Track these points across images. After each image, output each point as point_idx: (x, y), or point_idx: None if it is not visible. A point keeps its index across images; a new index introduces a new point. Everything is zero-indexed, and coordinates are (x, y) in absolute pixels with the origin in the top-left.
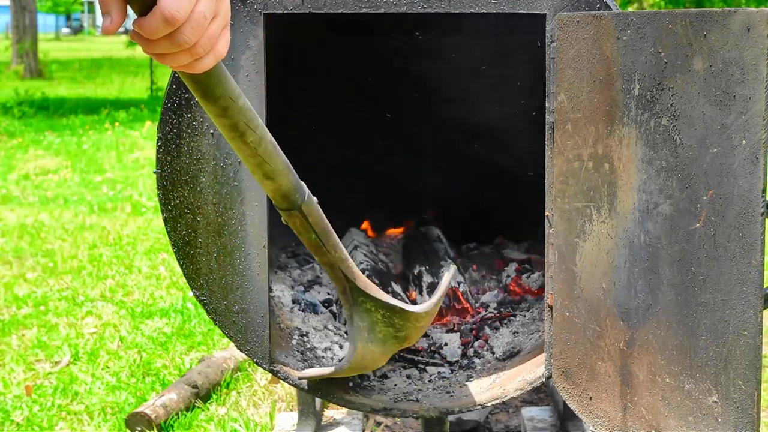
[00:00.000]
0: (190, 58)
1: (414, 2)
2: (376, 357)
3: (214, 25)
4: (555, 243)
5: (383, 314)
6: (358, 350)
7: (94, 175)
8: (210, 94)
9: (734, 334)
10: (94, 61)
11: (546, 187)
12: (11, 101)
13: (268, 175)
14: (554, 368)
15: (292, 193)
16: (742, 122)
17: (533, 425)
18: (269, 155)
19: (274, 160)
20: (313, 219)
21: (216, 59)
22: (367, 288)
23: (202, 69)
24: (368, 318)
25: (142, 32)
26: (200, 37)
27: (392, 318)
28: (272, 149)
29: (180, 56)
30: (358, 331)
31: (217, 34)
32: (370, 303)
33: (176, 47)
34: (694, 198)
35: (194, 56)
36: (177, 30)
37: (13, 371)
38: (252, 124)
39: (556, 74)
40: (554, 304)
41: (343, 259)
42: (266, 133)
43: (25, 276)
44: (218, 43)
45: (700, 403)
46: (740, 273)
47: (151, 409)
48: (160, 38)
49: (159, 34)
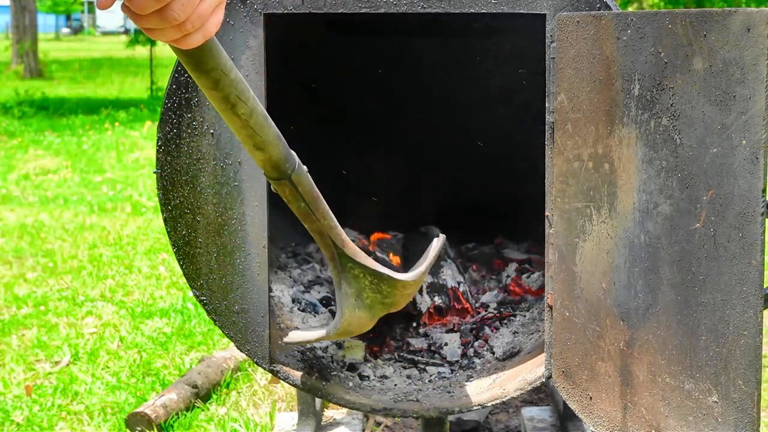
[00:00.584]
0: (179, 33)
1: (414, 2)
2: (363, 322)
3: (206, 3)
4: (555, 243)
5: (371, 281)
6: (345, 316)
7: (94, 175)
8: (202, 67)
9: (734, 334)
10: (94, 61)
11: (546, 187)
12: (11, 101)
13: (259, 146)
14: (554, 368)
15: (282, 163)
16: (742, 122)
17: (533, 425)
18: (260, 127)
19: (265, 132)
20: (303, 188)
21: (204, 37)
22: (356, 255)
23: (191, 45)
24: (356, 284)
25: (131, 6)
26: (190, 14)
27: (380, 285)
28: (263, 121)
29: (169, 31)
30: (346, 297)
31: (208, 12)
32: (358, 269)
33: (165, 23)
34: (694, 198)
35: (183, 32)
36: (166, 6)
37: (13, 371)
38: (243, 96)
39: (556, 74)
40: (554, 304)
41: (332, 227)
42: (257, 104)
43: (25, 276)
44: (209, 21)
45: (700, 403)
46: (740, 273)
47: (151, 409)
48: (149, 13)
49: (148, 9)
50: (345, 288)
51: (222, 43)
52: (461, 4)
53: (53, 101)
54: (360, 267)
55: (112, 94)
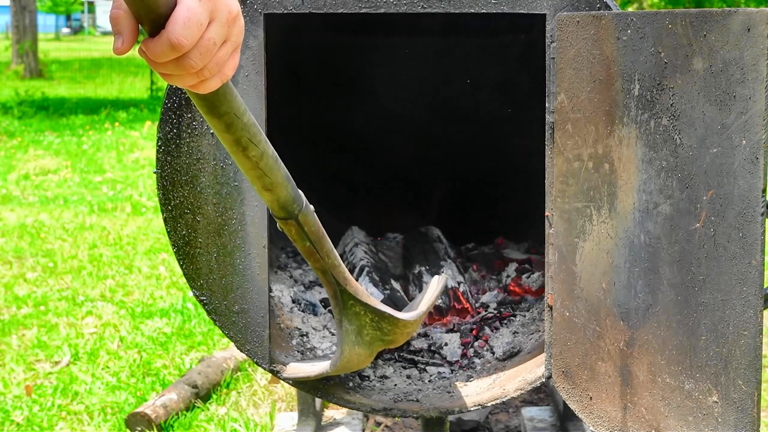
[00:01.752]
0: (197, 79)
1: (414, 2)
2: (362, 359)
3: (224, 50)
4: (555, 243)
5: (372, 318)
6: (345, 353)
7: (94, 175)
8: (215, 111)
9: (734, 334)
10: (94, 61)
11: (546, 187)
12: (11, 101)
13: (267, 187)
14: (554, 368)
15: (290, 203)
16: (742, 122)
17: (533, 425)
18: (270, 169)
19: (274, 173)
20: (309, 228)
21: (222, 81)
22: (357, 293)
23: (208, 90)
24: (357, 321)
25: (148, 54)
26: (208, 62)
27: (380, 323)
28: (273, 163)
29: (186, 78)
30: (346, 334)
31: (225, 58)
32: (359, 307)
33: (182, 71)
34: (694, 198)
35: (200, 78)
36: (184, 55)
37: (13, 371)
38: (255, 139)
39: (556, 74)
40: (554, 304)
41: (335, 265)
42: (268, 147)
43: (25, 276)
44: (226, 66)
45: (700, 403)
46: (740, 273)
47: (151, 409)
48: (166, 61)
49: (165, 58)
50: (346, 325)
51: None
52: (461, 4)
53: (53, 101)
54: (361, 305)
55: (112, 94)
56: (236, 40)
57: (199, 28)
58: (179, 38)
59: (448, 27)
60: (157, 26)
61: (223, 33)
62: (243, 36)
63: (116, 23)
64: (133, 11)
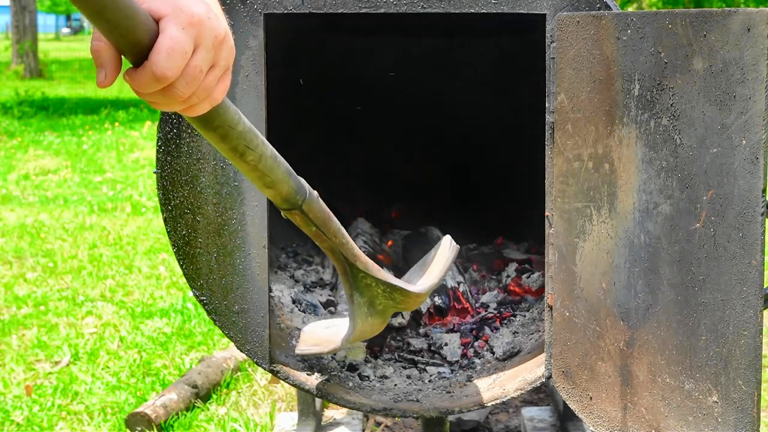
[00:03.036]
0: (185, 105)
1: (414, 2)
2: (375, 327)
3: (212, 75)
4: (555, 243)
5: (384, 289)
6: (358, 326)
7: (94, 175)
8: (208, 125)
9: (734, 334)
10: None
11: (546, 187)
12: (11, 101)
13: (268, 185)
14: (554, 368)
15: (293, 196)
16: (742, 122)
17: (533, 425)
18: (269, 169)
19: (274, 172)
20: (314, 215)
21: (211, 105)
22: (368, 267)
23: (197, 114)
24: (368, 293)
25: (132, 85)
26: (195, 89)
27: (392, 294)
28: (272, 162)
29: (173, 105)
30: (358, 307)
31: (214, 83)
32: (370, 279)
33: (169, 100)
34: (694, 198)
35: (188, 104)
36: (170, 85)
37: (13, 371)
38: (252, 144)
39: (556, 74)
40: (554, 304)
41: (343, 243)
42: (266, 148)
43: (25, 276)
44: (215, 90)
45: (700, 403)
46: (740, 273)
47: (151, 409)
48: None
49: (150, 89)
50: (357, 298)
51: None
52: (461, 4)
53: (53, 101)
54: (371, 277)
55: (112, 94)
56: (225, 64)
57: (183, 57)
58: (163, 70)
59: (449, 27)
60: (141, 57)
61: (209, 59)
62: (233, 58)
63: (98, 56)
64: (114, 44)
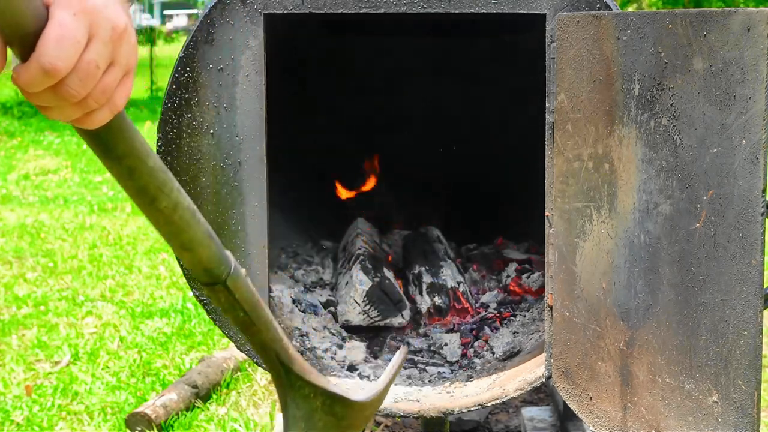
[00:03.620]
0: (80, 111)
1: (414, 2)
2: None
3: (111, 75)
4: (555, 243)
5: (323, 401)
6: None
7: (94, 175)
8: (111, 153)
9: (734, 334)
10: None
11: (546, 187)
12: (11, 101)
13: (185, 245)
14: (554, 368)
15: (215, 265)
16: (742, 122)
17: (533, 425)
18: (186, 223)
19: (192, 229)
20: (241, 295)
21: (112, 113)
22: (305, 372)
23: (96, 124)
24: (306, 406)
25: (19, 83)
26: (91, 88)
27: (333, 406)
28: (190, 216)
29: (67, 110)
30: (294, 421)
31: (113, 85)
32: (308, 389)
33: (62, 101)
34: (694, 198)
35: (85, 110)
36: (61, 82)
37: (13, 371)
38: (166, 187)
39: (556, 74)
40: (554, 304)
41: (276, 339)
42: (183, 198)
43: (25, 276)
44: (115, 94)
45: (700, 403)
46: (740, 273)
47: (151, 409)
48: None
49: (39, 86)
50: (293, 410)
51: (222, 43)
52: (461, 4)
53: None
54: (310, 386)
55: None
56: (126, 63)
57: (75, 47)
58: (52, 60)
59: (450, 26)
60: (28, 48)
61: (106, 54)
62: (136, 58)
63: None
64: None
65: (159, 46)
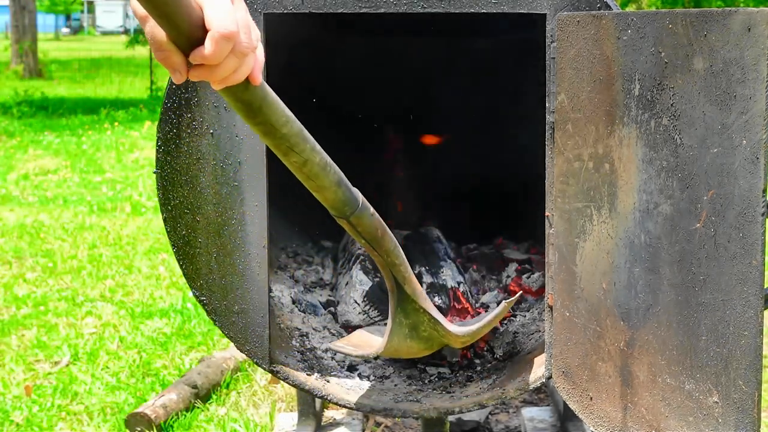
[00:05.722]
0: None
1: (414, 2)
2: (414, 351)
3: (255, 29)
4: (555, 243)
5: (429, 318)
6: (393, 343)
7: (93, 175)
8: (254, 119)
9: (735, 334)
10: (94, 61)
11: (546, 187)
12: (10, 101)
13: (315, 189)
14: (554, 368)
15: (340, 205)
16: (742, 122)
17: (533, 425)
18: (315, 174)
19: (320, 179)
20: (362, 229)
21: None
22: (416, 295)
23: (245, 74)
24: (414, 317)
25: (208, 61)
26: (250, 39)
27: (436, 326)
28: (319, 170)
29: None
30: (399, 326)
31: (257, 35)
32: (417, 305)
33: (241, 56)
34: (695, 198)
35: (242, 60)
36: (236, 41)
37: (12, 371)
38: (297, 147)
39: (556, 74)
40: (554, 304)
41: (395, 264)
42: (315, 155)
43: (24, 276)
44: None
45: (701, 403)
46: (741, 273)
47: (150, 410)
48: (225, 58)
49: (225, 53)
50: (401, 318)
51: None
52: (461, 4)
53: (53, 101)
54: (419, 306)
55: (111, 94)
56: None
57: (231, 12)
58: (227, 26)
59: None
60: (194, 39)
61: (243, 6)
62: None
63: (167, 64)
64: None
65: None
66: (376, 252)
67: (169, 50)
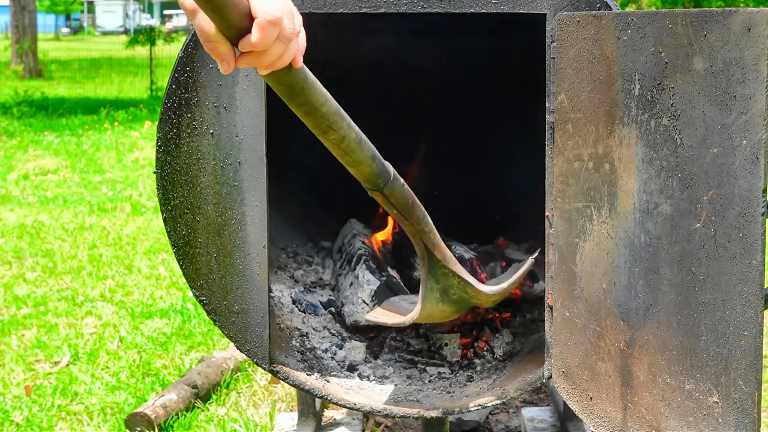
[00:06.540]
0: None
1: (414, 2)
2: (446, 314)
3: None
4: (555, 243)
5: (459, 281)
6: (426, 308)
7: (93, 175)
8: (294, 101)
9: (735, 334)
10: (94, 61)
11: (546, 187)
12: (10, 101)
13: (350, 164)
14: (554, 368)
15: (374, 178)
16: (742, 122)
17: (533, 425)
18: (351, 150)
19: (356, 154)
20: (395, 199)
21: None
22: (446, 259)
23: (289, 58)
24: (444, 281)
25: (256, 48)
26: (294, 25)
27: (465, 288)
28: (355, 146)
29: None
30: (431, 291)
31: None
32: (447, 269)
33: (286, 41)
34: (695, 198)
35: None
36: (282, 27)
37: (12, 371)
38: (335, 125)
39: (556, 74)
40: (554, 304)
41: (425, 231)
42: (351, 132)
43: (24, 276)
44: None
45: (701, 403)
46: (741, 273)
47: (150, 410)
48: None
49: (272, 39)
50: (431, 283)
51: None
52: (461, 4)
53: (52, 101)
54: (448, 269)
55: (111, 94)
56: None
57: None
58: (273, 13)
59: (450, 26)
60: (241, 29)
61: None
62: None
63: (216, 53)
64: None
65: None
66: (407, 221)
67: (217, 41)
